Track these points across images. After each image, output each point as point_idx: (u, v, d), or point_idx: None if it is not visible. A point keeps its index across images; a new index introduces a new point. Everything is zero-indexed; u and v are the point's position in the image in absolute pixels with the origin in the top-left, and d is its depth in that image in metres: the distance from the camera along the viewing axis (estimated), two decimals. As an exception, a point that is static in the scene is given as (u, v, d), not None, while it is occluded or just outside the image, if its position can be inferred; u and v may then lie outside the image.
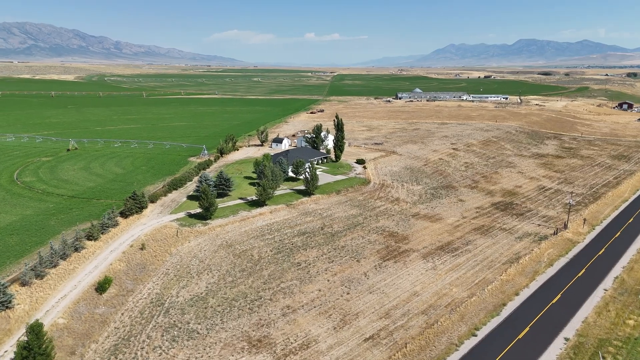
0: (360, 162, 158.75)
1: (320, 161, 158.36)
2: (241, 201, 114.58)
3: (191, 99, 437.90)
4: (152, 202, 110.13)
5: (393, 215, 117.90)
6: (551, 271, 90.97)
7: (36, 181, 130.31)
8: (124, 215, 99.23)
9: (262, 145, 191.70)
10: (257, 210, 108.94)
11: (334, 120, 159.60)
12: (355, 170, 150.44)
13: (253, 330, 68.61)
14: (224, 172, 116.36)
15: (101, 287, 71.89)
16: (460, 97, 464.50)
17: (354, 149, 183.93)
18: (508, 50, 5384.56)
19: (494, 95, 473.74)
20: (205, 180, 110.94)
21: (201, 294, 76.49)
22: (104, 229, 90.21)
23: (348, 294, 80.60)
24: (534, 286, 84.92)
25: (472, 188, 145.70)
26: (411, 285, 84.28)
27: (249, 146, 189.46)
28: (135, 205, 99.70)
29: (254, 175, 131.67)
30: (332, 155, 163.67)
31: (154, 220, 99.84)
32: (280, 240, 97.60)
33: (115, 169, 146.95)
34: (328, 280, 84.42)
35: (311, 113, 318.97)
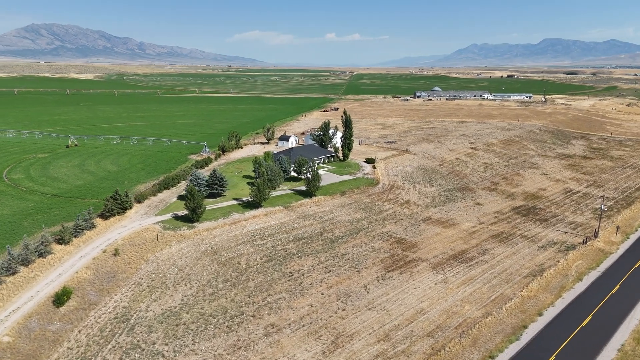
0: (370, 161, 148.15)
1: (326, 160, 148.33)
2: (235, 202, 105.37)
3: (205, 97, 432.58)
4: (139, 202, 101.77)
5: (402, 219, 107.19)
6: (580, 287, 79.15)
7: (24, 178, 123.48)
8: (103, 216, 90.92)
9: (268, 143, 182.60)
10: (250, 213, 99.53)
11: (342, 116, 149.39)
12: (363, 170, 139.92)
13: (228, 354, 59.03)
14: (217, 170, 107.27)
15: (59, 299, 63.30)
16: (481, 95, 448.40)
17: (364, 148, 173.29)
18: (532, 50, 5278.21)
19: (516, 94, 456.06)
20: (197, 179, 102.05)
21: (174, 308, 67.28)
22: (78, 232, 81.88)
23: (344, 310, 70.48)
24: (561, 305, 73.38)
25: (491, 190, 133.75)
26: (417, 301, 73.68)
27: (254, 144, 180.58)
28: (116, 206, 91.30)
29: (254, 175, 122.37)
30: (340, 154, 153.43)
31: (136, 222, 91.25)
32: (272, 247, 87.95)
33: (110, 166, 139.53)
34: (322, 294, 74.40)
35: (324, 111, 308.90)
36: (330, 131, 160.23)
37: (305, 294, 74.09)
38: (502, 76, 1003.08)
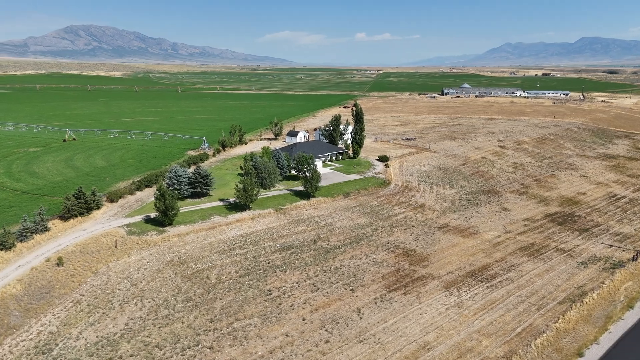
0: (383, 159, 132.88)
1: (335, 157, 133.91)
2: (221, 203, 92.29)
3: (224, 94, 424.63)
4: (112, 201, 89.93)
5: (413, 226, 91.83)
6: (632, 317, 62.47)
7: (2, 173, 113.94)
8: (63, 217, 79.11)
9: (276, 139, 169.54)
10: (234, 216, 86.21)
11: (352, 109, 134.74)
12: (374, 168, 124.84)
13: (164, 402, 45.52)
14: (202, 167, 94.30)
15: (-33, 321, 51.15)
16: (513, 93, 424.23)
17: (379, 145, 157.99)
18: (569, 48, 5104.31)
19: (552, 91, 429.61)
20: (176, 177, 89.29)
21: (114, 335, 54.22)
22: (24, 236, 70.16)
23: (327, 342, 56.04)
24: (607, 341, 57.13)
25: (520, 194, 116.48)
26: (422, 332, 58.54)
27: (260, 140, 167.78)
28: (78, 206, 79.30)
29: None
30: (350, 151, 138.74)
31: (100, 225, 79.11)
32: (253, 257, 74.21)
33: (99, 161, 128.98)
34: (303, 319, 60.09)
35: (344, 107, 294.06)
36: (341, 126, 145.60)
37: (283, 319, 59.97)
38: (536, 74, 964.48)
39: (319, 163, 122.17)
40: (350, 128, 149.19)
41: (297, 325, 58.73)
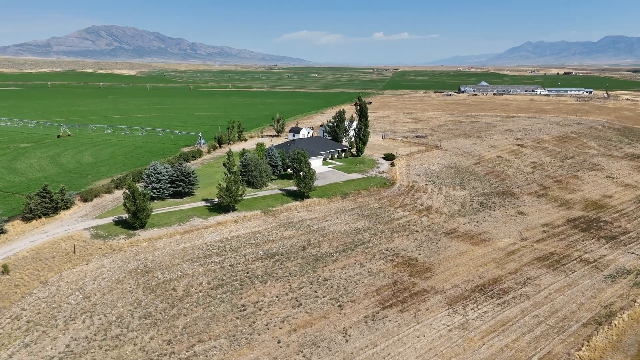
0: (389, 157, 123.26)
1: (337, 155, 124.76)
2: (204, 204, 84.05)
3: (235, 92, 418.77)
4: (86, 200, 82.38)
5: (417, 231, 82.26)
6: (671, 345, 52.14)
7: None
8: (25, 218, 71.64)
9: (278, 135, 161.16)
10: (216, 218, 77.79)
11: (355, 103, 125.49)
12: (378, 167, 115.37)
13: None
14: (188, 165, 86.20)
15: None
16: (533, 91, 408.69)
17: (387, 142, 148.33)
18: (592, 48, 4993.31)
19: (574, 89, 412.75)
20: (155, 174, 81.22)
21: (50, 359, 46.10)
22: (-26, 239, 62.72)
23: (303, 370, 47.17)
24: (642, 376, 47.06)
25: (539, 196, 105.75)
26: (418, 360, 49.28)
27: (261, 136, 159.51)
28: (43, 206, 71.73)
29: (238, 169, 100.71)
30: (354, 149, 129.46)
31: (64, 227, 71.47)
32: (231, 266, 65.59)
33: (87, 158, 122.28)
34: (279, 342, 51.22)
35: (355, 105, 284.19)
36: (345, 123, 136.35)
37: (254, 341, 51.16)
38: (558, 73, 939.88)
39: (318, 161, 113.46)
40: (355, 124, 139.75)
41: (269, 349, 49.89)
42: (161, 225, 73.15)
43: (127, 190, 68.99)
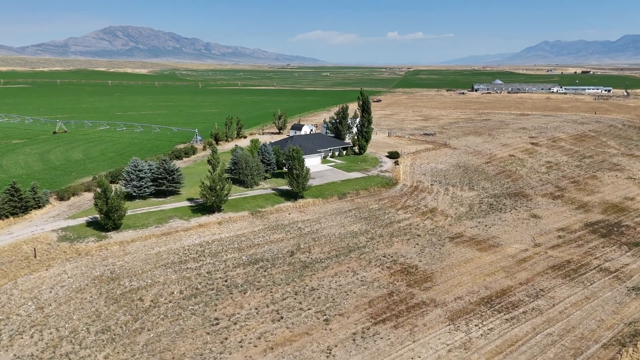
0: (393, 155, 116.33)
1: (338, 152, 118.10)
2: (188, 204, 78.11)
3: (244, 90, 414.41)
4: (62, 199, 77.04)
5: (418, 235, 75.27)
6: None
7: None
8: (-9, 218, 66.39)
9: (279, 132, 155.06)
10: (199, 220, 71.73)
11: (358, 98, 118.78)
12: (381, 166, 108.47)
13: None
14: (168, 160, 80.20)
15: None
16: (549, 89, 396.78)
17: (393, 140, 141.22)
18: (611, 47, 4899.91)
19: (592, 87, 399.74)
20: (136, 171, 75.44)
21: (-15, 380, 40.37)
22: None
23: (276, 398, 40.68)
24: (676, 411, 39.81)
25: (554, 198, 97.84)
26: (410, 387, 42.55)
27: (262, 133, 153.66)
28: (10, 205, 66.37)
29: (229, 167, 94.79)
30: (357, 147, 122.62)
31: (33, 228, 66.05)
32: (208, 273, 59.37)
33: (77, 154, 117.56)
34: (252, 362, 44.87)
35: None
36: (348, 119, 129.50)
37: (224, 360, 44.87)
38: (575, 72, 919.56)
39: (316, 159, 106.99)
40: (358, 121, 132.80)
41: (240, 371, 43.55)
42: (137, 226, 67.31)
43: (97, 188, 63.19)
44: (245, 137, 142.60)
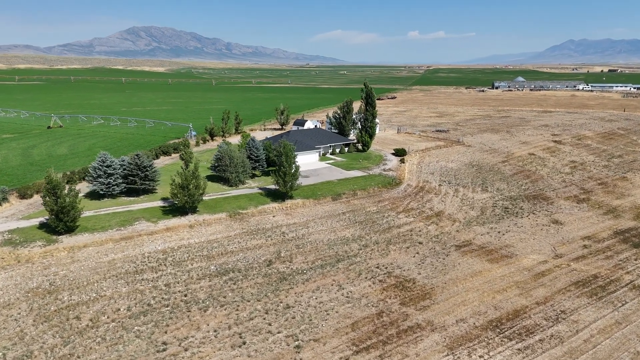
0: (400, 153, 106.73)
1: (339, 149, 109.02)
2: (161, 204, 70.10)
3: (257, 87, 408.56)
4: (23, 197, 69.89)
5: (420, 243, 65.70)
6: None
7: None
8: None
9: (282, 128, 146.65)
10: (169, 222, 63.55)
11: (361, 90, 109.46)
12: (385, 164, 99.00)
13: None
14: (142, 154, 72.23)
15: None
16: (574, 86, 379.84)
17: (402, 137, 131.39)
18: (639, 46, 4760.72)
19: (621, 85, 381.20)
20: (103, 167, 67.66)
21: None
22: None
23: None
24: None
25: (579, 201, 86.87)
26: None
27: (264, 129, 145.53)
28: (-44, 203, 59.12)
29: (213, 165, 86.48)
30: (360, 143, 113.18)
31: (-22, 229, 58.52)
32: (166, 286, 50.95)
33: (62, 150, 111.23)
34: (196, 401, 36.24)
35: (377, 99, 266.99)
36: (353, 114, 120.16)
37: (161, 399, 36.30)
38: (602, 70, 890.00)
39: (314, 156, 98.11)
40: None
41: (178, 415, 34.94)
42: (96, 229, 59.46)
43: (46, 185, 55.40)
44: (246, 133, 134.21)
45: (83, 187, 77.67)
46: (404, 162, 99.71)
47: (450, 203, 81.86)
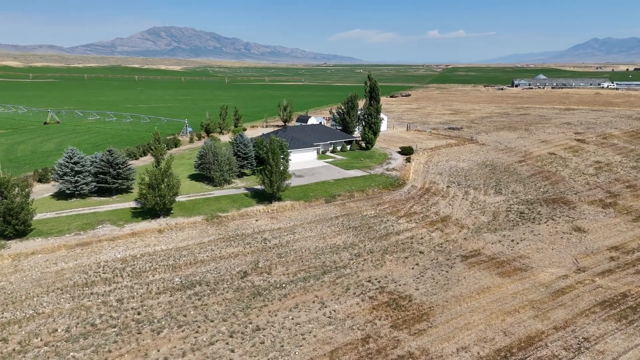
0: (406, 151, 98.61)
1: (341, 147, 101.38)
2: (132, 205, 63.41)
3: (270, 85, 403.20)
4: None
5: (421, 252, 57.73)
6: None
7: None
8: None
9: (284, 125, 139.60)
10: (136, 226, 56.83)
11: (365, 83, 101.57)
12: (389, 163, 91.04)
13: None
14: (115, 150, 65.69)
15: None
16: (599, 84, 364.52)
17: (411, 134, 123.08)
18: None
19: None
20: (70, 164, 61.26)
21: None
22: None
23: None
24: None
25: (605, 206, 77.55)
26: None
27: (266, 126, 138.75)
28: None
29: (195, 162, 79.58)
30: (363, 141, 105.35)
31: None
32: (119, 302, 44.08)
33: (48, 146, 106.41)
34: None
35: (391, 97, 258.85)
36: (358, 110, 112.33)
37: None
38: (627, 69, 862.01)
39: (311, 153, 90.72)
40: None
41: None
42: (52, 233, 53.04)
43: (-8, 185, 49.11)
44: (244, 130, 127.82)
45: (49, 187, 71.69)
46: (410, 161, 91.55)
47: (458, 207, 73.53)
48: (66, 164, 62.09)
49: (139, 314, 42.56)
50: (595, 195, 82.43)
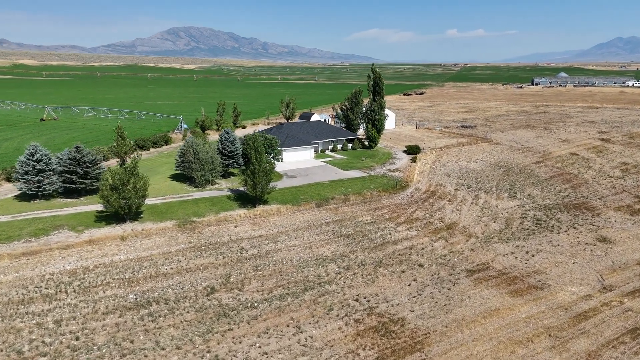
0: (413, 150, 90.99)
1: (342, 145, 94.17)
2: (99, 208, 57.10)
3: (282, 83, 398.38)
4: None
5: (420, 266, 50.36)
6: None
7: None
8: None
9: (287, 122, 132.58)
10: (97, 232, 50.59)
11: (368, 77, 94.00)
12: (393, 163, 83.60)
13: None
14: (84, 148, 59.63)
15: None
16: (624, 82, 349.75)
17: (419, 133, 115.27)
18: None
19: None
20: (32, 161, 55.35)
21: None
22: None
23: None
24: None
25: (633, 213, 68.92)
26: None
27: (267, 124, 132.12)
28: None
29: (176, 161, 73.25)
30: (367, 140, 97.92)
31: None
32: (57, 323, 37.74)
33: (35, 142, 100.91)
34: None
35: (404, 95, 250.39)
36: (363, 106, 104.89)
37: None
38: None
39: (307, 152, 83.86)
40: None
41: None
42: (1, 240, 46.92)
43: None
44: (244, 127, 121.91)
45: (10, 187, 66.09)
46: (415, 162, 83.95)
47: (466, 212, 65.77)
48: (27, 161, 56.38)
49: (77, 339, 36.08)
50: (622, 201, 73.70)
